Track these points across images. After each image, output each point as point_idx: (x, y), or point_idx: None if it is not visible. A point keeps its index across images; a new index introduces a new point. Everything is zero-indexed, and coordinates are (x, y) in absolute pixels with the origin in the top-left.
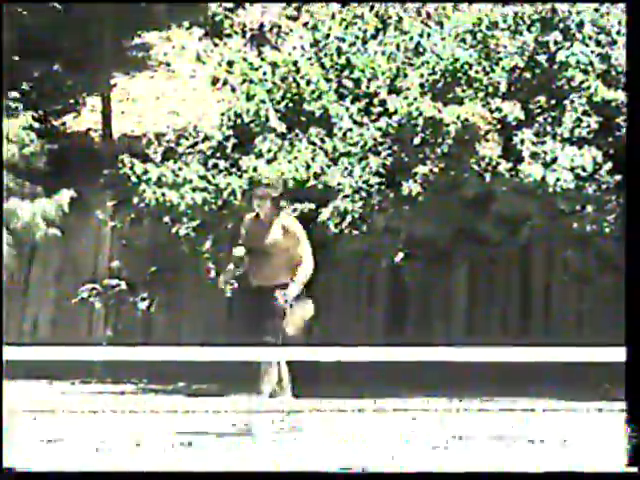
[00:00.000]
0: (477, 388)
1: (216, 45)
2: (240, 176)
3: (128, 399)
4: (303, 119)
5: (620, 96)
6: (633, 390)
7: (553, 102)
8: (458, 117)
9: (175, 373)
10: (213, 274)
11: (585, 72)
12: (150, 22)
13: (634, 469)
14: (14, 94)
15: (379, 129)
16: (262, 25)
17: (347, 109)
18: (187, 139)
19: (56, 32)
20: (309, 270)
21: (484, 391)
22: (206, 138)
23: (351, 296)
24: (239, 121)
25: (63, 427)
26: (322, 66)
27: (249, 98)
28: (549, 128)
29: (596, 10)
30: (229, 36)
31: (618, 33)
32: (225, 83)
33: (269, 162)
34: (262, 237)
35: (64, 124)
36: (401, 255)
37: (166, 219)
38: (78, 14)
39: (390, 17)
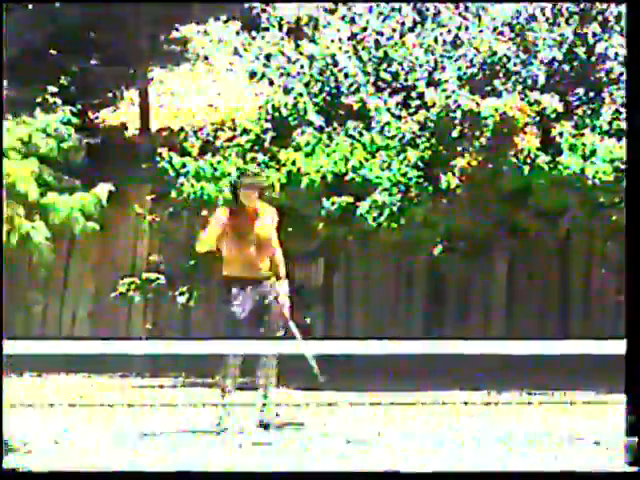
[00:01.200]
0: (517, 381)
1: (253, 38)
2: (278, 169)
3: (167, 393)
4: (341, 112)
5: None
6: (633, 384)
7: (592, 94)
8: (496, 110)
9: (214, 367)
10: None
11: (623, 64)
12: (187, 15)
13: (634, 469)
14: (52, 89)
15: (417, 122)
16: (299, 18)
17: (385, 102)
18: (225, 132)
19: (94, 26)
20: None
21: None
22: (244, 131)
23: (389, 289)
24: (277, 114)
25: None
26: (360, 59)
27: (287, 91)
28: (588, 120)
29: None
30: (266, 29)
31: None
32: (263, 76)
33: (307, 155)
34: (249, 228)
35: (100, 118)
36: (439, 248)
37: (204, 212)
38: (116, 8)
39: (428, 10)
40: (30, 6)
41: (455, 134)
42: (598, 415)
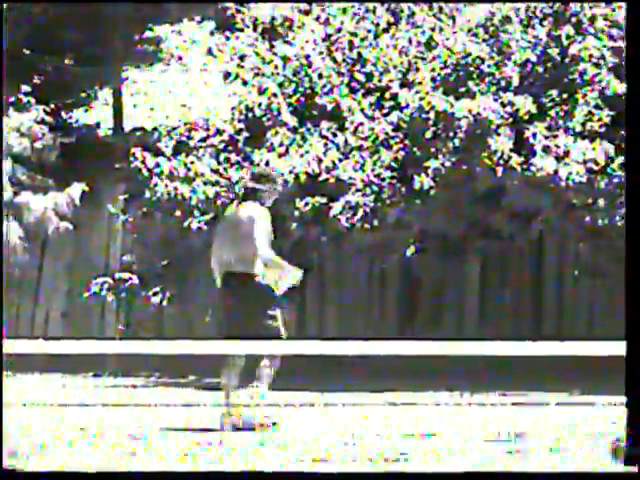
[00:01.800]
0: (489, 382)
1: (228, 39)
2: (252, 169)
3: (140, 392)
4: (315, 113)
5: None
6: (633, 385)
7: (565, 96)
8: (470, 111)
9: (187, 366)
10: None
11: (597, 66)
12: (161, 15)
13: (634, 469)
14: (26, 88)
15: (391, 123)
16: (274, 19)
17: (359, 103)
18: (199, 133)
19: (67, 26)
20: None
21: (496, 385)
22: (218, 132)
23: (363, 290)
24: (251, 115)
25: (73, 420)
26: (334, 60)
27: (261, 92)
28: (561, 122)
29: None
30: (241, 30)
31: None
32: (237, 77)
33: (281, 156)
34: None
35: (73, 118)
36: (413, 249)
37: (178, 213)
38: (89, 8)
39: (402, 11)
40: (5, 5)
41: (429, 135)
42: (571, 416)
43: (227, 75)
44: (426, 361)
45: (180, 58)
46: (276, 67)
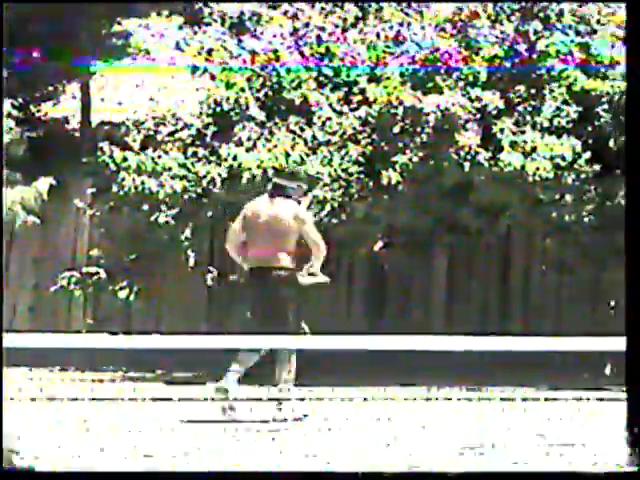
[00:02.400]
0: (457, 377)
1: (195, 33)
2: (219, 164)
3: (107, 387)
4: (283, 107)
5: (600, 86)
6: (634, 381)
7: (533, 91)
8: (438, 106)
9: (154, 361)
10: (193, 262)
11: (565, 61)
12: (129, 10)
13: (634, 469)
14: None
15: (359, 118)
16: (242, 13)
17: (327, 98)
18: (166, 127)
19: (35, 19)
20: None
21: (464, 380)
22: (185, 126)
23: (330, 285)
24: (218, 109)
25: (41, 414)
26: (302, 54)
27: (228, 86)
28: (528, 117)
29: None
30: (208, 24)
31: (598, 22)
32: (204, 71)
33: (248, 150)
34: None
35: (41, 112)
36: (380, 244)
37: (145, 207)
38: (57, 2)
39: (370, 6)
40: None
41: (396, 130)
42: (536, 411)
43: (195, 69)
44: (393, 356)
45: (148, 52)
46: (244, 61)
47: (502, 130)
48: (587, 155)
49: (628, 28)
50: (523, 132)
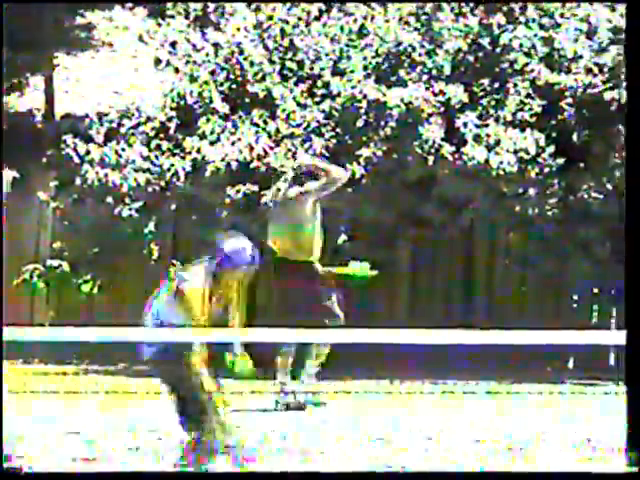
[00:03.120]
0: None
1: (159, 25)
2: (183, 157)
3: (70, 380)
4: (246, 100)
5: (563, 79)
6: (633, 376)
7: (496, 85)
8: (401, 100)
9: (117, 354)
10: (156, 255)
11: (528, 55)
12: (93, 2)
13: (634, 469)
14: None
15: (322, 111)
16: (206, 6)
17: (291, 91)
18: (130, 120)
19: None
20: None
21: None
22: (149, 119)
23: None
24: (182, 102)
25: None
26: (265, 48)
27: (192, 79)
28: (492, 111)
29: None
30: (172, 17)
31: (562, 16)
32: (168, 64)
33: (212, 143)
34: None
35: (5, 104)
36: (344, 237)
37: (109, 200)
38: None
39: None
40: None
41: (360, 123)
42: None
43: (158, 62)
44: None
45: (111, 45)
46: (208, 54)
47: (466, 124)
48: (551, 149)
49: (628, 28)
50: (487, 126)
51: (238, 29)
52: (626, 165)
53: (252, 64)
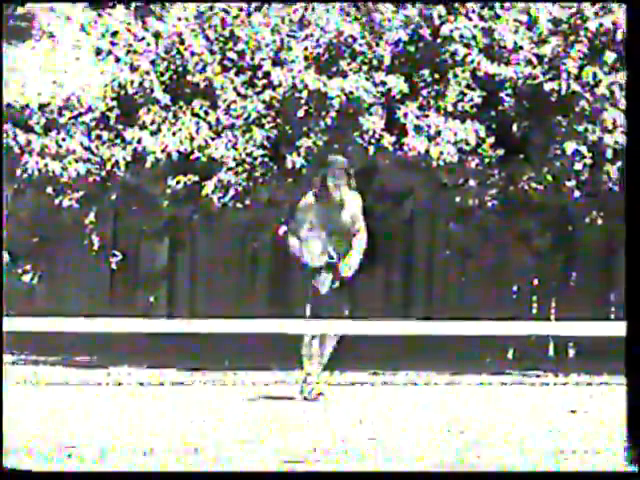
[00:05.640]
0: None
1: (100, 16)
2: (124, 148)
3: (10, 370)
4: (187, 91)
5: (503, 70)
6: (632, 368)
7: (437, 76)
8: (342, 90)
9: (57, 345)
10: (97, 246)
11: (468, 46)
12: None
13: (634, 469)
14: None
15: (263, 101)
16: None
17: (231, 81)
18: (70, 110)
19: None
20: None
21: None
22: (89, 109)
23: (235, 268)
24: (123, 92)
25: None
26: (206, 38)
27: (133, 69)
28: (433, 102)
29: None
30: (113, 7)
31: (502, 8)
32: (109, 54)
33: (153, 134)
34: (335, 215)
35: None
36: (284, 228)
37: (49, 190)
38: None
39: None
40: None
41: (301, 114)
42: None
43: (99, 52)
44: (297, 339)
45: (52, 34)
46: (148, 44)
47: (406, 114)
48: (491, 140)
49: (628, 28)
50: (427, 116)
51: (179, 19)
52: (626, 165)
53: (193, 54)
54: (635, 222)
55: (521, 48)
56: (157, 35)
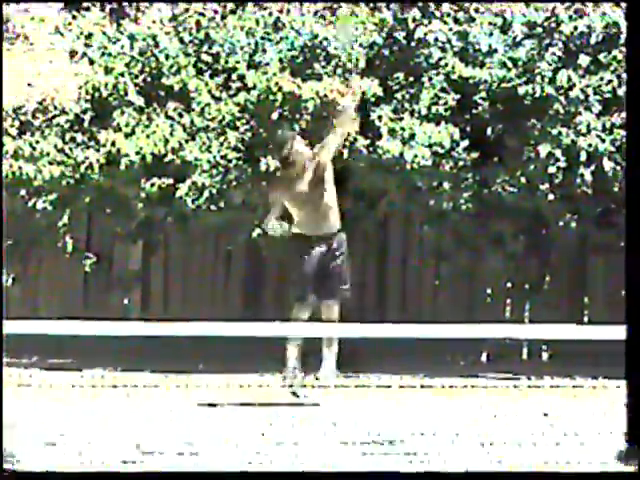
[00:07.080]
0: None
1: (74, 17)
2: (98, 150)
3: None
4: (161, 93)
5: (478, 73)
6: (633, 371)
7: (411, 79)
8: (317, 93)
9: (30, 347)
10: (70, 248)
11: (443, 49)
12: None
13: (634, 469)
14: None
15: (237, 104)
16: None
17: (206, 84)
18: (44, 112)
19: None
20: None
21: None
22: (63, 111)
23: (208, 272)
24: (97, 94)
25: None
26: (181, 40)
27: (107, 71)
28: (407, 105)
29: None
30: (88, 9)
31: (477, 11)
32: (83, 56)
33: (127, 136)
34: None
35: None
36: (258, 231)
37: (23, 192)
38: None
39: None
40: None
41: (275, 117)
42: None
43: (73, 54)
44: (271, 342)
45: (26, 37)
46: (123, 47)
47: (380, 117)
48: (465, 143)
49: (628, 28)
50: (402, 119)
51: (154, 21)
52: (626, 165)
53: (167, 57)
54: (635, 222)
55: (495, 51)
56: (132, 37)
